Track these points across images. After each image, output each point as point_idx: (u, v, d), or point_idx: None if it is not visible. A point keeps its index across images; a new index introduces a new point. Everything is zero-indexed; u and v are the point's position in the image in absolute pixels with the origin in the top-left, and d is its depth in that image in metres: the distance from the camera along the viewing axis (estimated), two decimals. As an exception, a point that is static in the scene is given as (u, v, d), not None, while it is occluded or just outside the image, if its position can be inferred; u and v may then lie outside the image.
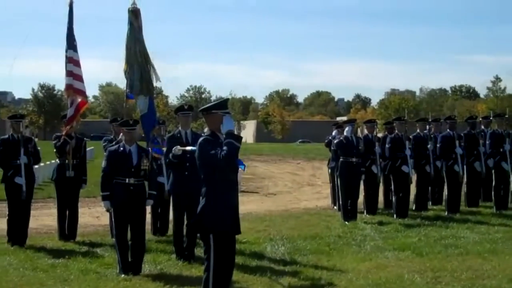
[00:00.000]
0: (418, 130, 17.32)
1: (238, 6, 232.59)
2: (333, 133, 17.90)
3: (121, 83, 12.46)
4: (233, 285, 8.59)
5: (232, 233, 7.52)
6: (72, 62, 13.30)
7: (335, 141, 16.33)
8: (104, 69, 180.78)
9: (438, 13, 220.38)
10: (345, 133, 15.91)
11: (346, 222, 15.15)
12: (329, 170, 18.55)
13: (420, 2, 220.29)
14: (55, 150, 13.56)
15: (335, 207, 17.81)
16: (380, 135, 18.23)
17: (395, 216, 15.95)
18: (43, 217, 16.83)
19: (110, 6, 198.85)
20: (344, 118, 67.26)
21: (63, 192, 13.49)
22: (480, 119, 19.26)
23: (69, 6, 13.28)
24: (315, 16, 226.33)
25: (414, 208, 17.03)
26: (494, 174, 17.13)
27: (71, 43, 13.32)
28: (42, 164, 22.30)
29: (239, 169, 8.99)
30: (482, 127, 18.28)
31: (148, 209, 11.31)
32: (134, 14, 11.90)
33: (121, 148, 10.38)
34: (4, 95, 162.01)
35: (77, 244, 12.94)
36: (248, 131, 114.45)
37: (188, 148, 10.88)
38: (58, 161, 13.68)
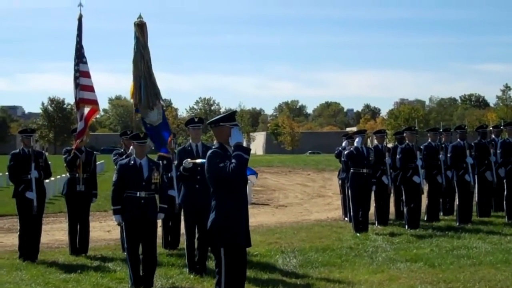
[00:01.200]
0: (429, 140, 17.31)
1: (247, 18, 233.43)
2: (343, 144, 17.88)
3: (131, 97, 12.48)
4: (245, 298, 8.57)
5: (243, 246, 7.51)
6: (83, 75, 13.36)
7: (345, 152, 16.31)
8: (113, 83, 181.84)
9: (447, 22, 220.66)
10: (355, 144, 15.89)
11: (358, 234, 15.12)
12: (340, 181, 18.55)
13: (429, 12, 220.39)
14: (65, 164, 13.57)
15: (346, 219, 17.78)
16: (390, 145, 18.22)
17: (406, 227, 15.90)
18: (54, 232, 16.88)
19: (117, 20, 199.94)
20: (354, 129, 67.31)
21: (74, 206, 13.49)
22: (491, 128, 19.24)
23: (78, 20, 13.35)
24: (323, 27, 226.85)
25: (425, 218, 16.99)
26: (505, 183, 17.06)
27: (80, 56, 13.38)
28: (52, 178, 22.36)
29: (254, 177, 8.97)
30: (493, 136, 18.27)
31: (159, 222, 11.30)
32: (140, 28, 11.94)
33: (132, 162, 10.38)
34: (14, 110, 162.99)
35: (88, 258, 12.93)
36: (257, 143, 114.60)
37: (199, 160, 10.89)
38: (69, 175, 13.67)
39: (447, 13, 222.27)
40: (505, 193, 16.99)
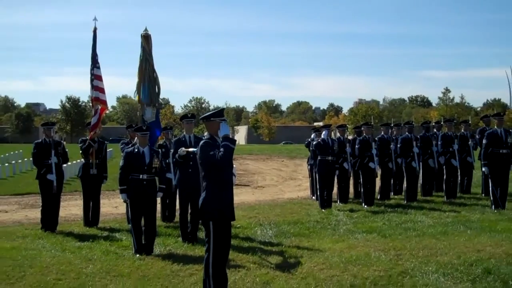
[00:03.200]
0: (382, 133, 17.36)
1: (233, 32, 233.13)
2: (312, 136, 17.89)
3: (135, 95, 12.45)
4: (229, 263, 8.59)
5: (228, 220, 7.51)
6: (97, 78, 13.34)
7: (313, 143, 16.33)
8: (120, 84, 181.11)
9: (397, 36, 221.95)
10: (322, 136, 15.91)
11: (323, 210, 15.16)
12: (308, 167, 18.57)
13: (383, 27, 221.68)
14: (81, 151, 13.56)
15: (313, 197, 17.82)
16: (350, 137, 18.24)
17: (363, 204, 15.96)
18: (71, 208, 16.80)
19: (123, 33, 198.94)
20: (321, 124, 67.33)
21: (87, 187, 13.47)
22: (433, 123, 19.36)
23: (93, 32, 13.28)
24: (295, 40, 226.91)
25: (379, 197, 17.05)
26: (445, 169, 17.22)
27: (95, 62, 13.33)
28: (69, 163, 22.21)
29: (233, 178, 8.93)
30: (435, 130, 18.41)
31: (158, 200, 11.27)
32: (146, 39, 11.87)
33: (136, 150, 10.37)
34: (37, 106, 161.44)
35: (99, 229, 12.90)
36: (240, 135, 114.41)
37: (191, 149, 10.90)
38: (83, 161, 13.66)
39: (397, 28, 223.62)
40: (444, 177, 17.16)
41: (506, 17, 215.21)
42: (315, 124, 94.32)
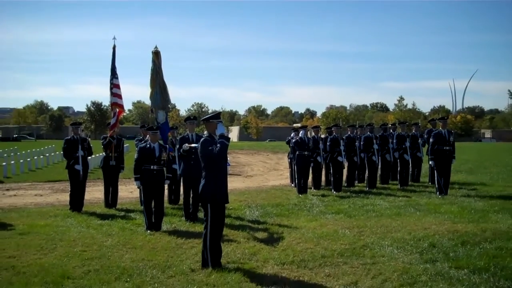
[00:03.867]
0: (349, 133, 17.40)
1: (228, 49, 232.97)
2: (292, 135, 17.88)
3: (148, 101, 12.45)
4: (223, 238, 8.60)
5: (223, 203, 7.51)
6: (115, 86, 13.28)
7: (293, 140, 16.34)
8: (135, 91, 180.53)
9: (361, 54, 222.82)
10: (300, 135, 15.93)
11: (300, 195, 15.19)
12: (288, 160, 18.58)
13: (349, 46, 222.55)
14: (102, 146, 13.49)
15: (292, 185, 17.84)
16: (322, 136, 18.29)
17: (333, 190, 15.99)
18: (94, 192, 16.72)
19: (137, 49, 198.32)
20: (299, 125, 67.24)
21: (108, 175, 13.42)
22: (390, 125, 19.43)
23: (112, 48, 13.24)
24: (279, 56, 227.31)
25: (345, 185, 17.09)
26: (399, 162, 17.30)
27: (114, 73, 13.28)
28: (93, 156, 22.10)
29: (228, 167, 8.93)
30: (391, 130, 18.45)
31: (166, 186, 11.25)
32: (156, 55, 11.82)
33: (148, 145, 10.35)
34: (67, 109, 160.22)
35: (117, 210, 12.86)
36: (233, 134, 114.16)
37: (193, 145, 10.90)
38: (104, 154, 13.60)
39: (362, 47, 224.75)
40: (398, 168, 17.24)
41: (450, 38, 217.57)
42: (294, 125, 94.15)
